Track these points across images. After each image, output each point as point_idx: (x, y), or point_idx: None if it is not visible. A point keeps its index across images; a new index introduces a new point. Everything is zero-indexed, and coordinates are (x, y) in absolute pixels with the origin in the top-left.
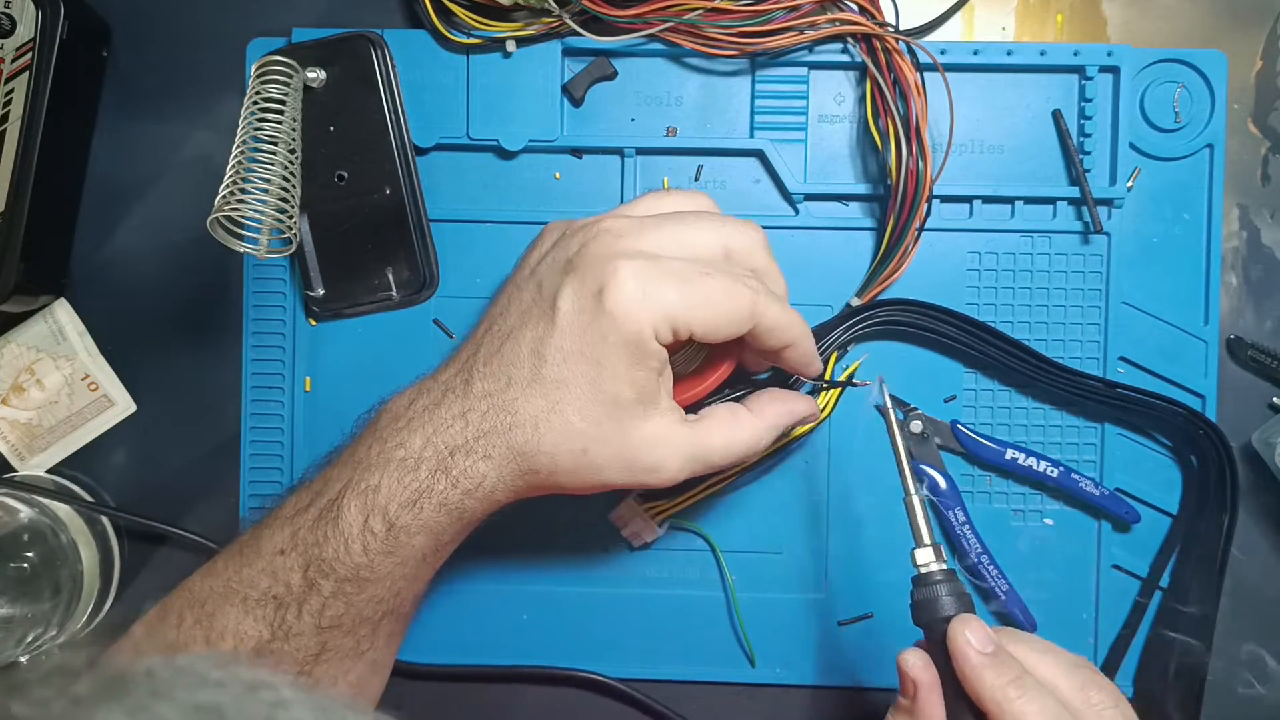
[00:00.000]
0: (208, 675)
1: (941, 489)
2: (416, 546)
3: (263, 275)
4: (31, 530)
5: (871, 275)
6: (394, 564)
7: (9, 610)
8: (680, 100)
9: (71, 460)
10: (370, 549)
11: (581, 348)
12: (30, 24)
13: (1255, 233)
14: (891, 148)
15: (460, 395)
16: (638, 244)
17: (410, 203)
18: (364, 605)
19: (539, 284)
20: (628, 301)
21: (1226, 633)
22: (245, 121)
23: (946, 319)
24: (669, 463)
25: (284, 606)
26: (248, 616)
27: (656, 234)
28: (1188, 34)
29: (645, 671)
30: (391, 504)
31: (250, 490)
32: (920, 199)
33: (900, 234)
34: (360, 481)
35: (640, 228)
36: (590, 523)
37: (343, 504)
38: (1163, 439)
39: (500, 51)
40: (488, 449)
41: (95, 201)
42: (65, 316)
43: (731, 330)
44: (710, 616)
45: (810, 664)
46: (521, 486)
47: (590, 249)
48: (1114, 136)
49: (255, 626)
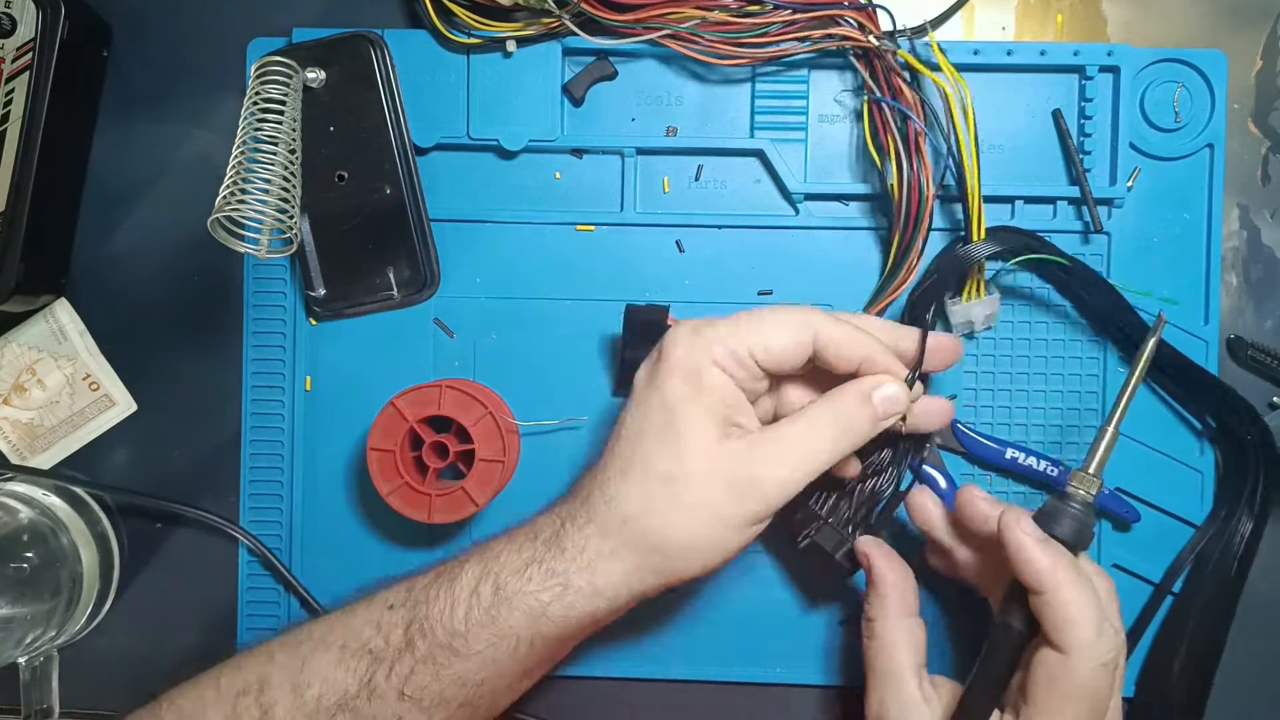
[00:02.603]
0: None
1: (942, 489)
2: (513, 626)
3: (263, 275)
4: (31, 530)
5: (881, 287)
6: (488, 641)
7: (9, 610)
8: (680, 100)
9: (73, 460)
10: (472, 616)
11: (648, 396)
12: (31, 24)
13: (1255, 232)
14: (892, 165)
15: (579, 478)
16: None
17: (411, 203)
18: (448, 683)
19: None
20: (679, 343)
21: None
22: (245, 122)
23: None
24: (771, 473)
25: (378, 662)
26: (340, 666)
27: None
28: (1188, 34)
29: (645, 671)
30: (505, 570)
31: (250, 490)
32: (924, 212)
33: (906, 248)
34: (486, 549)
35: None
36: None
37: (464, 566)
38: (1189, 433)
39: (500, 51)
40: (590, 510)
41: (95, 201)
42: (66, 316)
43: (792, 345)
44: (710, 615)
45: (811, 663)
46: (626, 555)
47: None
48: (1114, 136)
49: (345, 678)
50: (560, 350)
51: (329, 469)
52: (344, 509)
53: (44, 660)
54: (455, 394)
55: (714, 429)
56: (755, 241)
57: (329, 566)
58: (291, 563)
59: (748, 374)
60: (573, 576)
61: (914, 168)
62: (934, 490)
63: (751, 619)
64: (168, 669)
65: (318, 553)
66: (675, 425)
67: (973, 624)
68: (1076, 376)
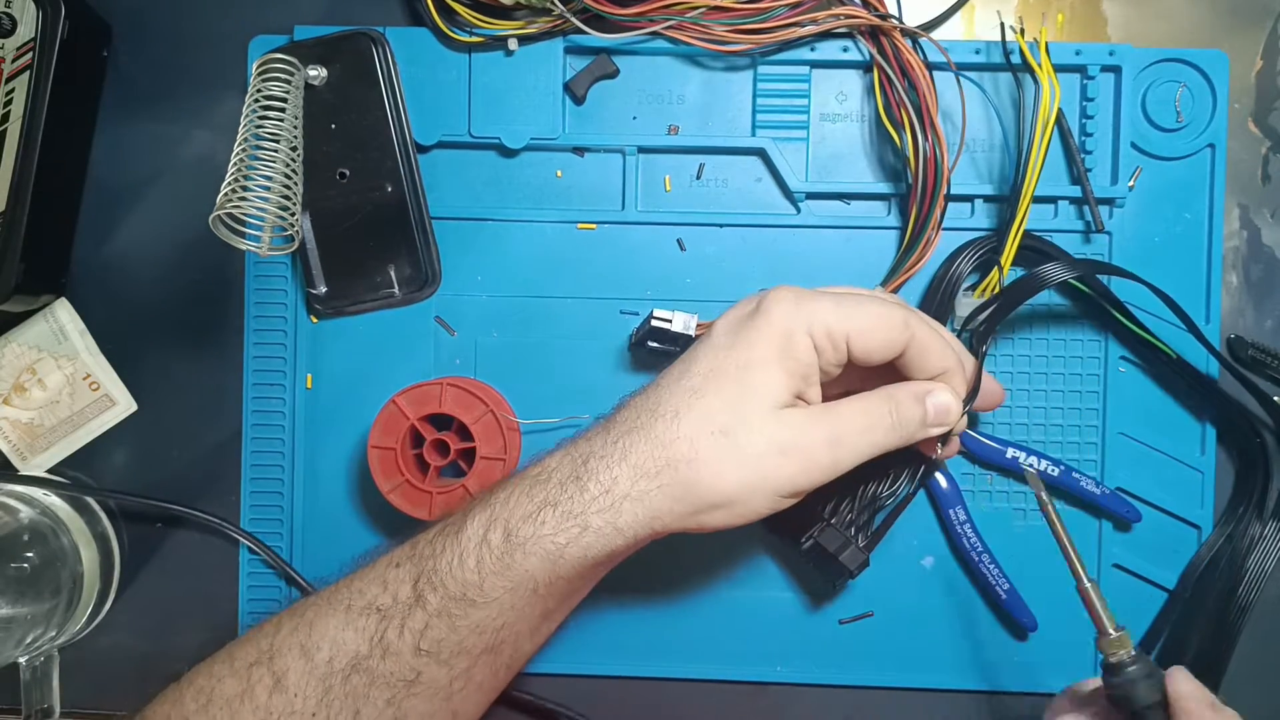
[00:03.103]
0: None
1: (942, 488)
2: (529, 570)
3: (264, 273)
4: (32, 530)
5: (896, 265)
6: (504, 588)
7: (9, 611)
8: (682, 98)
9: (73, 460)
10: (484, 565)
11: (733, 343)
12: (31, 24)
13: (1256, 232)
14: (908, 138)
15: (607, 417)
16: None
17: (412, 200)
18: (466, 633)
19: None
20: (782, 304)
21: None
22: (247, 119)
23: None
24: (825, 449)
25: (387, 619)
26: (348, 627)
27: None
28: (1188, 34)
29: (644, 670)
30: (515, 515)
31: (251, 488)
32: (940, 186)
33: (923, 223)
34: (490, 496)
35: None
36: None
37: (469, 516)
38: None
39: (502, 49)
40: (625, 449)
41: (95, 201)
42: (66, 316)
43: (886, 341)
44: (710, 615)
45: (810, 662)
46: (656, 497)
47: (749, 296)
48: (1115, 136)
49: (354, 639)
50: (561, 348)
51: (330, 466)
52: (345, 506)
53: (44, 660)
54: (456, 392)
55: (784, 395)
56: (757, 240)
57: (330, 563)
58: (292, 560)
59: (835, 356)
60: (591, 518)
61: (929, 139)
62: (934, 490)
63: (751, 619)
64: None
65: (318, 550)
66: (748, 380)
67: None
68: (1077, 376)
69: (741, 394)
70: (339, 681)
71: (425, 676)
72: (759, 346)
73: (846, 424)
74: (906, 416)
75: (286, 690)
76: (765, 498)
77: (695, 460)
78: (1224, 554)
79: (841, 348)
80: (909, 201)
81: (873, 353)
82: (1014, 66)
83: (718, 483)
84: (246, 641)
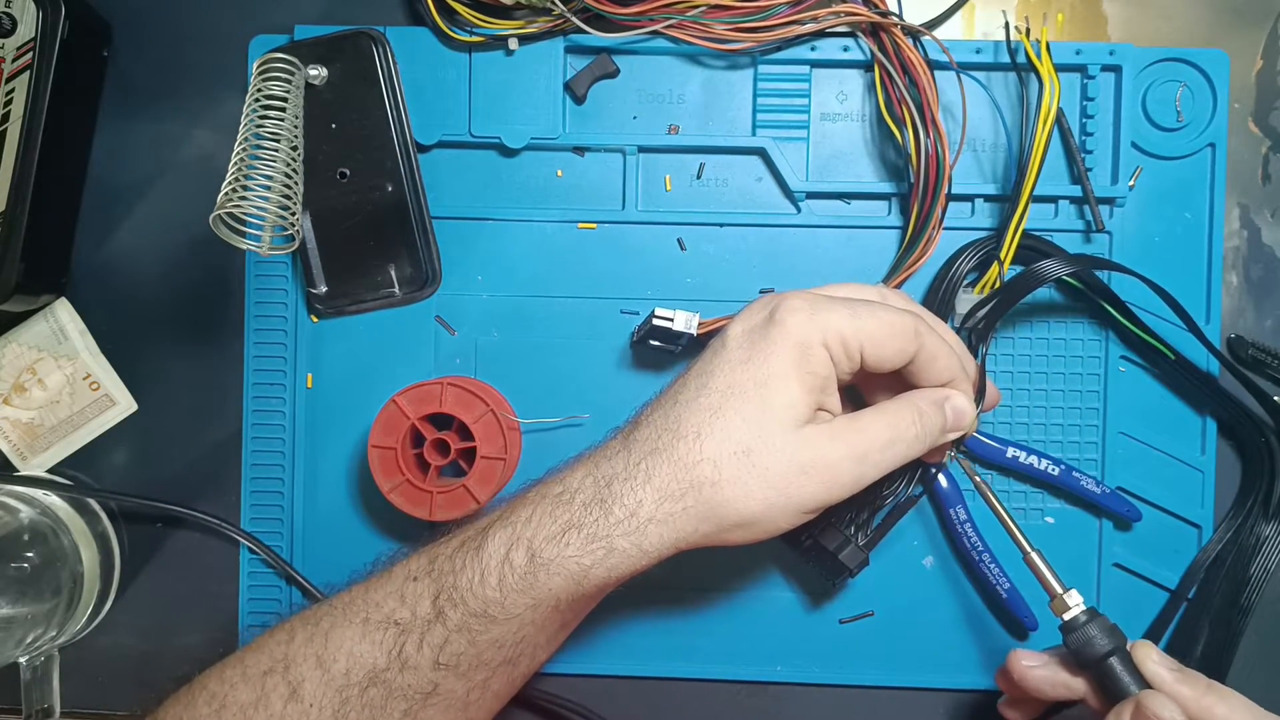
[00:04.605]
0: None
1: (942, 487)
2: (553, 590)
3: (264, 273)
4: (32, 530)
5: (897, 263)
6: (526, 605)
7: (9, 610)
8: (682, 98)
9: (73, 460)
10: (506, 583)
11: (749, 357)
12: (31, 23)
13: (1256, 232)
14: (910, 134)
15: (626, 432)
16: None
17: (412, 200)
18: (485, 647)
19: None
20: (797, 313)
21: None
22: (247, 119)
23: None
24: (849, 465)
25: (406, 633)
26: (365, 639)
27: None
28: (1188, 33)
29: (644, 669)
30: (538, 536)
31: (252, 488)
32: (942, 183)
33: (924, 220)
34: (511, 514)
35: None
36: None
37: (489, 534)
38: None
39: (502, 49)
40: (649, 471)
41: (95, 201)
42: (66, 316)
43: (899, 351)
44: (710, 615)
45: (810, 662)
46: (681, 520)
47: (760, 300)
48: (1116, 135)
49: (371, 652)
50: (562, 348)
51: (330, 466)
52: (345, 506)
53: (45, 660)
54: (457, 391)
55: (804, 409)
56: (757, 240)
57: (330, 563)
58: (292, 560)
59: (849, 365)
60: (617, 540)
61: (930, 136)
62: (934, 490)
63: (751, 618)
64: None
65: (319, 550)
66: (768, 397)
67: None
68: (1078, 376)
69: (762, 411)
70: (356, 694)
71: (443, 689)
72: (775, 360)
73: (870, 439)
74: (930, 426)
75: (302, 700)
76: (789, 515)
77: (719, 482)
78: (1228, 554)
79: (856, 358)
80: (910, 200)
81: (885, 362)
82: (1015, 66)
83: (742, 504)
84: (258, 648)
